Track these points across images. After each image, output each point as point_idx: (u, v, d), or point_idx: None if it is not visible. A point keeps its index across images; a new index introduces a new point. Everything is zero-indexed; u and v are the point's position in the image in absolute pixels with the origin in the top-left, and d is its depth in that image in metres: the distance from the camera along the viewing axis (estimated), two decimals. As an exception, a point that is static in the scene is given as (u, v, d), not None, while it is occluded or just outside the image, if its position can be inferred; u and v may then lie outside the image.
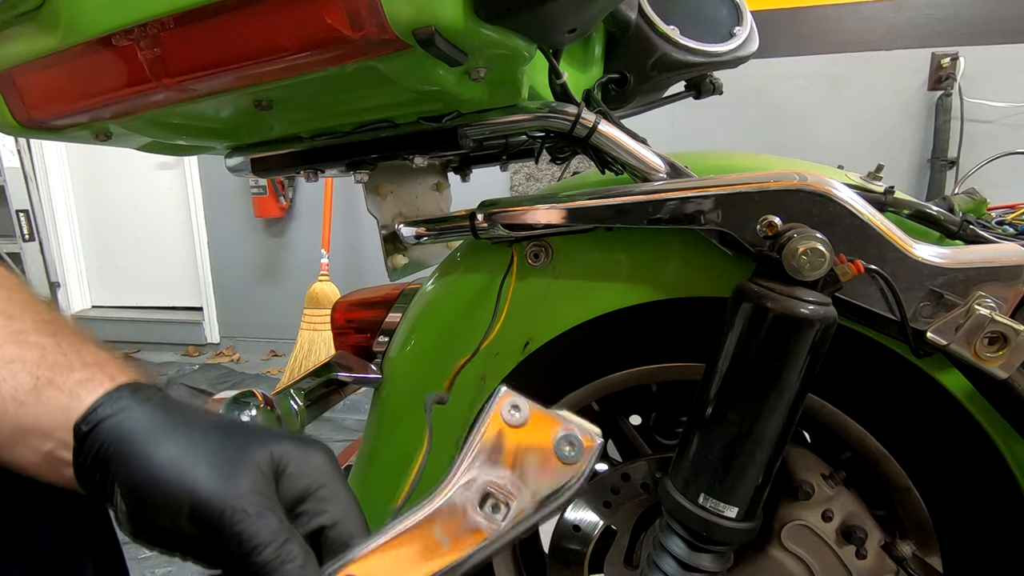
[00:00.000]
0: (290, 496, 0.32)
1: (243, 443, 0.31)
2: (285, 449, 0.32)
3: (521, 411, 0.33)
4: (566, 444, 0.32)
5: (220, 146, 0.64)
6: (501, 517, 0.32)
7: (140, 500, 0.30)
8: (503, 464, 0.32)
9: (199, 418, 0.33)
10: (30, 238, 3.13)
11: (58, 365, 0.33)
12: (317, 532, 0.32)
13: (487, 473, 0.32)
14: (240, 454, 0.31)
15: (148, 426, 0.31)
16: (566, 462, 0.32)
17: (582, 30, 0.45)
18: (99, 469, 0.31)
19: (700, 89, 0.72)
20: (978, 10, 2.08)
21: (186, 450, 0.30)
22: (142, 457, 0.30)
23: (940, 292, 0.43)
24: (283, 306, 2.99)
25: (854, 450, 0.54)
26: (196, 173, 3.03)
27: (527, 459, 0.32)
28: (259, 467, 0.31)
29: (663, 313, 0.53)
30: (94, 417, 0.31)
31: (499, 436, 0.33)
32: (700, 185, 0.46)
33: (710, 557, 0.46)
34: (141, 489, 0.30)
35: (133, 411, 0.31)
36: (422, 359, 0.62)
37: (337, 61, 0.39)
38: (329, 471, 0.33)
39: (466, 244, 0.63)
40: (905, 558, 0.52)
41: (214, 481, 0.29)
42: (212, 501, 0.29)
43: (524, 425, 0.33)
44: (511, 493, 0.32)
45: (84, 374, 0.33)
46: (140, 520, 0.31)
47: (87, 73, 0.45)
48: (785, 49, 2.24)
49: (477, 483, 0.32)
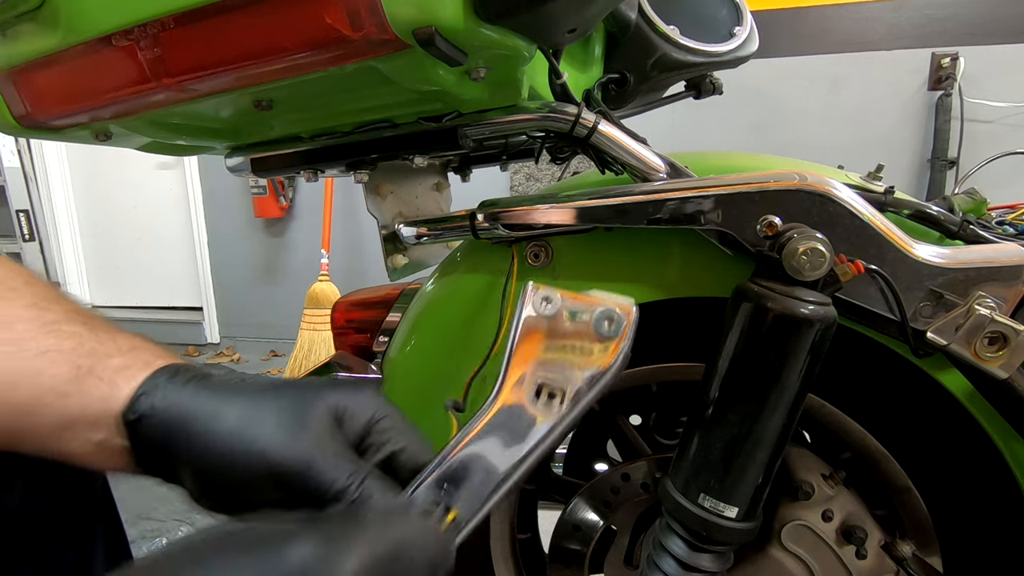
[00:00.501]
0: (354, 434, 0.33)
1: (298, 399, 0.32)
2: (338, 394, 0.33)
3: (553, 301, 0.34)
4: (604, 321, 0.33)
5: (220, 146, 0.64)
6: (558, 402, 0.33)
7: (214, 477, 0.31)
8: (547, 355, 0.33)
9: (245, 386, 0.33)
10: (30, 238, 3.13)
11: (95, 353, 0.33)
12: (387, 460, 0.33)
13: (534, 366, 0.33)
14: (300, 410, 0.31)
15: (200, 404, 0.31)
16: (608, 337, 0.33)
17: (582, 30, 0.45)
18: (160, 454, 0.31)
19: (700, 89, 0.72)
20: (978, 10, 2.08)
21: (246, 419, 0.31)
22: (204, 435, 0.30)
23: (940, 292, 0.42)
24: (283, 306, 2.99)
25: (854, 450, 0.54)
26: (196, 173, 3.03)
27: (570, 344, 0.33)
28: (321, 418, 0.31)
29: (663, 313, 0.53)
30: (139, 405, 0.31)
31: (537, 330, 0.34)
32: (700, 185, 0.46)
33: (710, 557, 0.46)
34: (213, 467, 0.30)
35: (179, 394, 0.32)
36: (422, 359, 0.62)
37: (337, 61, 0.39)
38: (383, 404, 0.34)
39: (466, 244, 0.62)
40: (905, 558, 0.52)
41: (284, 443, 0.30)
42: (288, 461, 0.30)
43: (559, 313, 0.34)
44: (563, 379, 0.33)
45: (122, 360, 0.33)
46: (217, 495, 0.32)
47: (87, 73, 0.45)
48: (785, 49, 2.24)
49: (527, 379, 0.33)
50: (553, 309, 0.34)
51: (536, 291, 0.34)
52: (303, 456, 0.30)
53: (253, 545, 0.25)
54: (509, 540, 0.69)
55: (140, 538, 1.54)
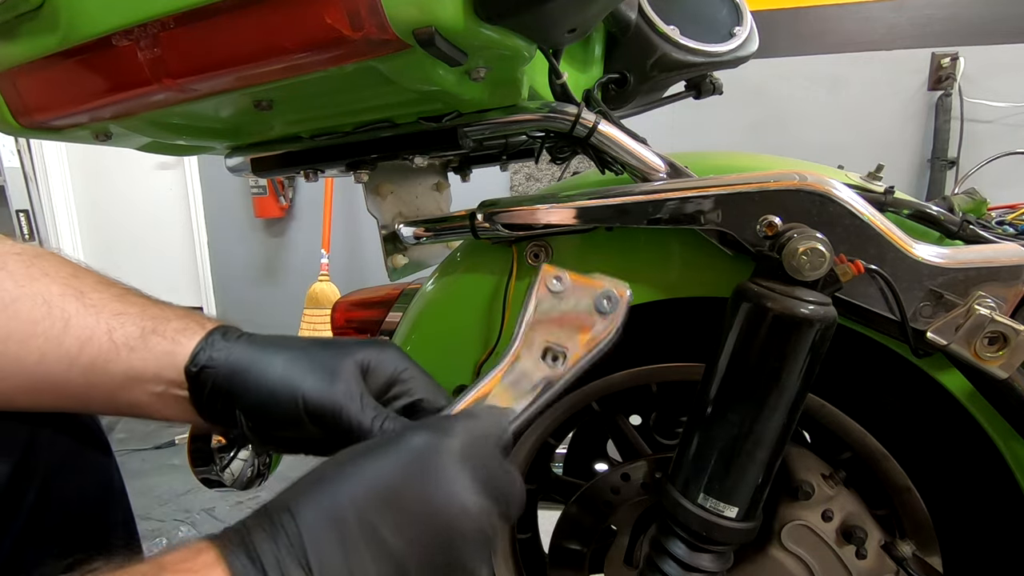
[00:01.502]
0: (379, 385, 0.40)
1: (332, 354, 0.39)
2: (365, 351, 0.40)
3: (563, 280, 0.41)
4: (604, 299, 0.40)
5: (220, 146, 0.64)
6: (560, 364, 0.40)
7: (265, 416, 0.38)
8: (555, 324, 0.41)
9: (287, 343, 0.39)
10: (30, 238, 3.13)
11: (157, 317, 0.39)
12: (411, 407, 0.40)
13: (543, 333, 0.40)
14: (333, 362, 0.38)
15: (250, 357, 0.38)
16: (606, 312, 0.40)
17: (582, 30, 0.45)
18: (220, 399, 0.38)
19: (700, 89, 0.72)
20: (978, 10, 2.08)
21: (290, 369, 0.37)
22: (256, 381, 0.37)
23: (940, 292, 0.42)
24: (283, 306, 2.99)
25: (854, 450, 0.54)
26: (196, 173, 3.03)
27: (574, 317, 0.40)
28: (350, 370, 0.38)
29: (663, 313, 0.53)
30: (200, 359, 0.38)
31: (548, 302, 0.41)
32: (700, 185, 0.46)
33: (710, 557, 0.46)
34: (264, 406, 0.37)
35: (232, 349, 0.38)
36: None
37: (337, 61, 0.39)
38: (403, 359, 0.41)
39: (466, 244, 0.62)
40: (905, 558, 0.52)
41: (321, 389, 0.37)
42: (325, 403, 0.36)
43: (566, 290, 0.41)
44: (566, 345, 0.40)
45: (180, 324, 0.39)
46: (267, 432, 0.39)
47: (87, 73, 0.45)
48: (785, 49, 2.24)
49: (536, 342, 0.40)
50: (563, 286, 0.41)
51: (548, 272, 0.41)
52: (336, 400, 0.36)
53: (384, 444, 0.32)
54: (509, 540, 0.70)
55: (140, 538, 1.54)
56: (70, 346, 0.37)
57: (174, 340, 0.38)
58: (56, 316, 0.37)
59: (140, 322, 0.38)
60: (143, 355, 0.37)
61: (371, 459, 0.31)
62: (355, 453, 0.32)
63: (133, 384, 0.38)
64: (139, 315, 0.39)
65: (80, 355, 0.37)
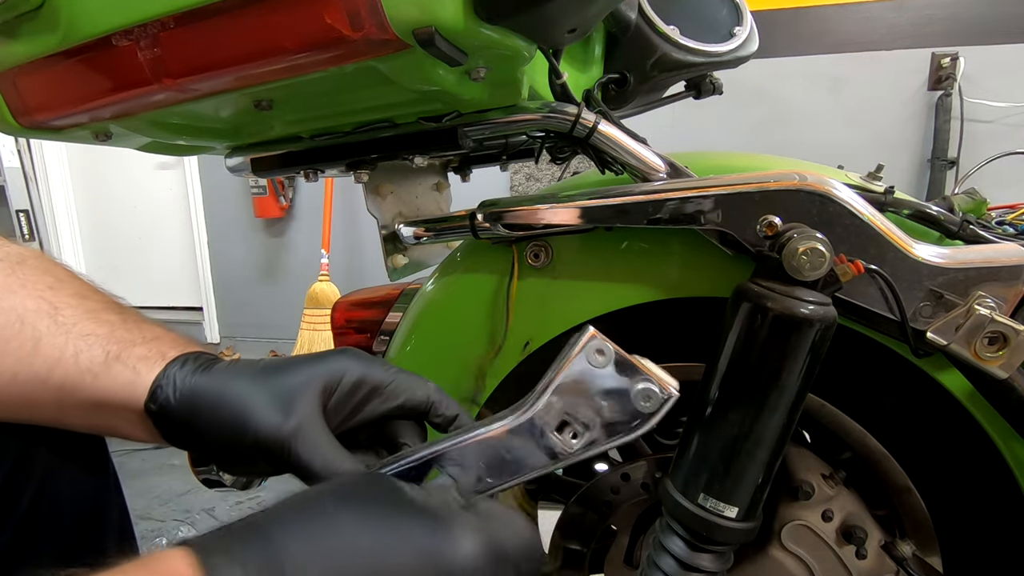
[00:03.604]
0: (352, 399, 0.38)
1: (285, 382, 0.37)
2: (324, 367, 0.38)
3: (605, 355, 0.36)
4: (645, 397, 0.36)
5: (220, 146, 0.64)
6: (574, 441, 0.36)
7: (222, 449, 0.37)
8: (582, 398, 0.36)
9: (246, 373, 0.38)
10: (30, 238, 3.13)
11: (123, 340, 0.38)
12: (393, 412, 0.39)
13: (567, 404, 0.36)
14: (286, 394, 0.36)
15: (206, 393, 0.36)
16: (643, 412, 0.36)
17: (582, 30, 0.45)
18: (182, 435, 0.37)
19: (700, 89, 0.72)
20: (978, 10, 2.08)
21: (244, 405, 0.36)
22: (211, 420, 0.36)
23: (940, 292, 0.42)
24: (283, 306, 2.99)
25: (854, 450, 0.54)
26: (196, 173, 3.03)
27: (606, 399, 0.36)
28: (305, 399, 0.36)
29: (663, 313, 0.53)
30: (159, 396, 0.37)
31: (582, 374, 0.36)
32: (700, 185, 0.46)
33: (710, 557, 0.46)
34: (219, 442, 0.36)
35: (190, 383, 0.37)
36: (422, 359, 0.62)
37: (337, 61, 0.39)
38: (366, 365, 0.39)
39: (466, 244, 0.62)
40: (905, 558, 0.52)
41: (271, 426, 0.35)
42: (271, 442, 0.35)
43: (607, 367, 0.36)
44: (586, 424, 0.36)
45: (143, 350, 0.38)
46: (228, 462, 0.40)
47: (87, 73, 0.45)
48: (785, 49, 2.24)
49: (555, 409, 0.36)
50: (603, 362, 0.36)
51: (592, 339, 0.37)
52: (284, 439, 0.35)
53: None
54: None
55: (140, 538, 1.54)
56: (39, 367, 0.36)
57: (135, 370, 0.37)
58: (27, 335, 0.36)
59: (106, 345, 0.37)
60: (106, 383, 0.36)
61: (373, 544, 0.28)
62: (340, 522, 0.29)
63: (101, 410, 0.37)
64: (106, 337, 0.37)
65: (50, 377, 0.36)
